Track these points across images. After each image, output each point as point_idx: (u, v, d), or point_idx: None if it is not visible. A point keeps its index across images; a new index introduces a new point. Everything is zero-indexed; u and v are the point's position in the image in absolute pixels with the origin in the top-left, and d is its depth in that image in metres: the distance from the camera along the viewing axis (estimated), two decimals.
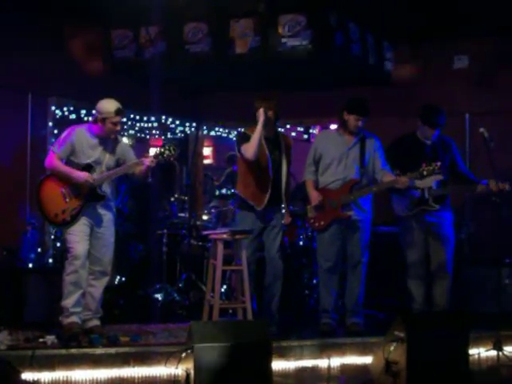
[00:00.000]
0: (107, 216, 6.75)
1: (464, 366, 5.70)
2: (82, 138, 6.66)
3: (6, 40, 8.38)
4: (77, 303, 6.59)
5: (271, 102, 7.06)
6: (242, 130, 7.36)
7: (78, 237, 6.58)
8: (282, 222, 7.22)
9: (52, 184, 6.65)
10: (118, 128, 6.67)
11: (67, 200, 6.60)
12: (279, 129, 7.82)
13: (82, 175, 6.54)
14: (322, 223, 7.13)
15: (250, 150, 6.98)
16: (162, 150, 6.63)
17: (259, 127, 6.94)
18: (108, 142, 6.73)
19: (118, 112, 6.58)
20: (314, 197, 7.18)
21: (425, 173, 6.77)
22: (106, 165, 6.68)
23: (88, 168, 6.61)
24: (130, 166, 6.71)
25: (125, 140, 7.27)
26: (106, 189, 6.71)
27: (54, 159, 6.64)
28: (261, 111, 6.94)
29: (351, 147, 7.13)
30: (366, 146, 7.14)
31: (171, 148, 6.63)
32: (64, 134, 6.72)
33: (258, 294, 7.32)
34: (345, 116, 7.11)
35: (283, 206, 7.20)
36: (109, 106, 6.60)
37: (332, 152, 7.16)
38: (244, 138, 7.11)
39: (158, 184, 9.57)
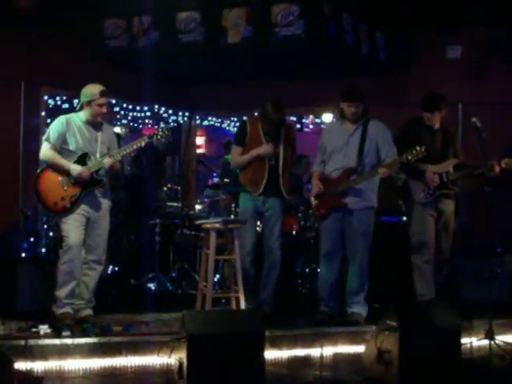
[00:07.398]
0: (105, 204, 6.74)
1: (456, 355, 5.72)
2: (73, 126, 6.63)
3: None
4: (70, 294, 6.58)
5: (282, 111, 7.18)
6: (244, 119, 7.41)
7: (74, 226, 6.56)
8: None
9: (49, 174, 6.61)
10: (105, 110, 6.68)
11: (65, 188, 6.56)
12: None
13: (77, 170, 6.51)
14: (322, 212, 7.15)
15: (233, 163, 7.39)
16: (156, 132, 6.78)
17: (254, 152, 7.14)
18: (97, 128, 6.71)
19: (103, 94, 6.60)
20: (315, 186, 7.24)
21: (409, 157, 6.74)
22: (100, 152, 6.67)
23: (84, 157, 6.60)
24: (131, 144, 6.77)
25: (116, 130, 7.27)
26: (103, 174, 6.69)
27: (48, 150, 6.60)
28: (268, 148, 7.11)
29: (352, 134, 7.10)
30: (368, 133, 7.07)
31: (164, 130, 6.79)
32: (54, 124, 6.68)
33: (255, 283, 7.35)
34: (341, 105, 7.13)
35: (284, 195, 7.24)
36: (93, 88, 6.62)
37: (334, 141, 7.15)
38: (241, 133, 7.27)
39: (150, 174, 9.58)
